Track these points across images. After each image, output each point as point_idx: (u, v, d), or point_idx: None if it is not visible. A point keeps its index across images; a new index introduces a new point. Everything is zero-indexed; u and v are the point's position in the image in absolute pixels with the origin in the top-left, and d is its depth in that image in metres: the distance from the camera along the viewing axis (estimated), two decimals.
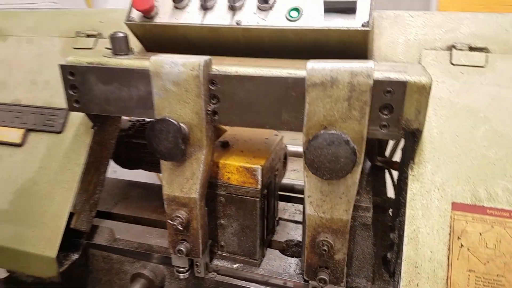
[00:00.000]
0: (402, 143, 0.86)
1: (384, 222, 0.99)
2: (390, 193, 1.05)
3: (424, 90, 0.63)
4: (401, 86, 0.59)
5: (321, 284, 0.68)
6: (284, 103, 0.64)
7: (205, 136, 0.68)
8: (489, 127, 0.72)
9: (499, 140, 0.71)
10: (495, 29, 0.80)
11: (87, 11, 1.04)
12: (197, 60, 0.64)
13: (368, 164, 0.92)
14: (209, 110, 0.67)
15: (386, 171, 1.08)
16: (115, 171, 1.30)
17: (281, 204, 1.09)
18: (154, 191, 1.16)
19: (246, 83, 0.65)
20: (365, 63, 0.59)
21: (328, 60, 0.61)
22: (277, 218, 0.98)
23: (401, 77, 0.62)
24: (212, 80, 0.66)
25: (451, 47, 0.79)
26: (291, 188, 1.16)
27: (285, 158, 1.01)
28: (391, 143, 1.09)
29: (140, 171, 1.14)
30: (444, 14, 0.83)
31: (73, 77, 0.72)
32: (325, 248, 0.65)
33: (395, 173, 1.02)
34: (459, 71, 0.77)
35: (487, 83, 0.76)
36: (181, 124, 0.66)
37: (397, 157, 0.99)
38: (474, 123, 0.73)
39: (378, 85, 0.59)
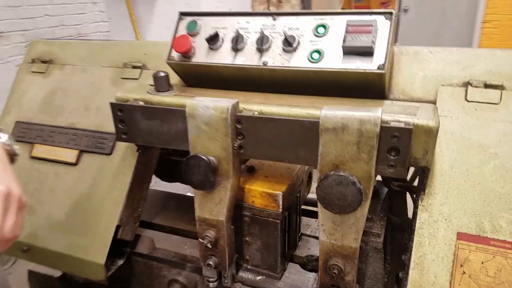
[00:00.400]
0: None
1: (402, 241, 1.05)
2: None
3: (431, 133, 0.70)
4: (407, 132, 0.66)
5: None
6: (301, 142, 0.72)
7: (231, 167, 0.77)
8: (498, 163, 0.77)
9: (506, 175, 0.76)
10: (510, 65, 0.83)
11: (133, 43, 1.16)
12: (226, 104, 0.73)
13: (385, 189, 0.98)
14: (235, 146, 0.76)
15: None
16: (156, 181, 1.43)
17: (305, 220, 1.16)
18: (189, 203, 1.27)
19: (268, 123, 0.73)
20: (373, 111, 0.66)
21: (341, 107, 0.68)
22: (299, 234, 1.06)
23: (410, 120, 0.68)
24: (239, 120, 0.75)
25: (467, 84, 0.83)
26: (315, 203, 1.23)
27: (310, 177, 1.09)
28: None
29: (178, 183, 1.25)
30: (462, 50, 0.87)
31: (122, 113, 0.84)
32: (335, 271, 0.73)
33: None
34: (473, 108, 0.82)
35: (500, 120, 0.80)
36: (211, 158, 0.76)
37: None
38: (484, 158, 0.78)
39: (386, 130, 0.66)
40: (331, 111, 0.67)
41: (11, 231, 0.63)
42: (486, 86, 0.82)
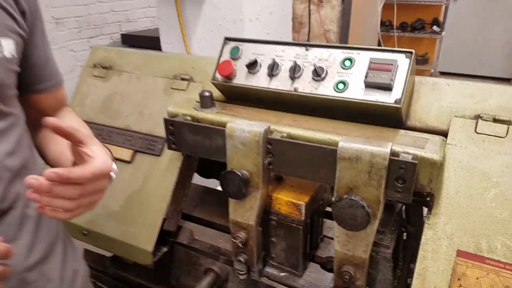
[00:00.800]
0: None
1: (416, 248, 1.16)
2: None
3: (435, 165, 0.80)
4: (412, 165, 0.76)
5: None
6: (321, 165, 0.84)
7: (261, 181, 0.91)
8: (499, 191, 0.86)
9: (505, 203, 0.85)
10: None
11: (182, 57, 1.31)
12: (259, 129, 0.86)
13: (399, 204, 1.08)
14: (265, 163, 0.90)
15: None
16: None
17: (328, 223, 1.29)
18: (224, 198, 1.42)
19: (294, 146, 0.86)
20: (384, 147, 0.77)
21: (356, 139, 0.80)
22: (321, 236, 1.19)
23: (417, 153, 0.79)
24: (269, 142, 0.88)
25: (478, 117, 0.92)
26: None
27: None
28: None
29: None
30: (477, 85, 0.95)
31: (172, 127, 0.99)
32: (347, 277, 0.86)
33: None
34: (481, 139, 0.90)
35: (504, 152, 0.88)
36: (244, 172, 0.90)
37: None
38: (486, 186, 0.87)
39: (394, 162, 0.77)
40: (347, 143, 0.79)
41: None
42: (495, 120, 0.90)
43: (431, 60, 6.29)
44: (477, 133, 0.91)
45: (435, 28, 6.00)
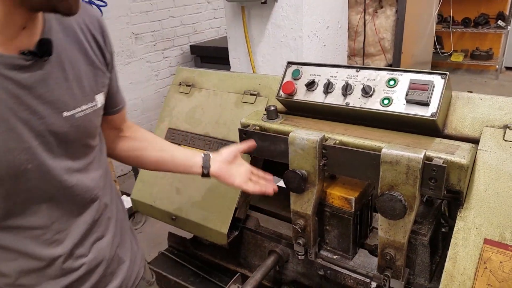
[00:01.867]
0: None
1: None
2: None
3: (463, 168, 0.97)
4: (442, 168, 0.94)
5: (386, 278, 1.09)
6: (368, 167, 1.04)
7: (317, 179, 1.13)
8: None
9: None
10: None
11: (250, 76, 1.55)
12: (316, 137, 1.08)
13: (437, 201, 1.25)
14: (321, 164, 1.11)
15: None
16: None
17: (377, 216, 1.47)
18: (284, 193, 1.65)
19: (345, 152, 1.07)
20: (418, 153, 0.95)
21: (397, 146, 0.99)
22: (370, 227, 1.38)
23: (448, 158, 0.97)
24: (324, 148, 1.10)
25: (506, 127, 1.07)
26: None
27: None
28: None
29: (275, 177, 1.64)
30: (506, 99, 1.10)
31: (245, 135, 1.24)
32: (388, 257, 1.05)
33: None
34: (508, 146, 1.05)
35: None
36: (303, 172, 1.12)
37: None
38: (511, 185, 1.02)
39: (428, 166, 0.96)
40: (389, 150, 0.98)
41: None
42: None
43: (496, 55, 6.12)
44: (505, 140, 1.06)
45: (500, 22, 5.83)
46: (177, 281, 1.55)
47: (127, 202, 2.85)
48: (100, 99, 0.92)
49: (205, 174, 1.17)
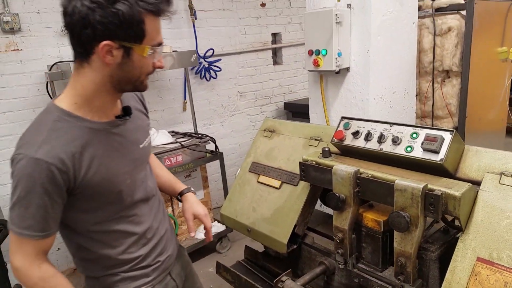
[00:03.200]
0: None
1: None
2: None
3: (456, 198, 1.31)
4: (437, 197, 1.30)
5: (399, 282, 1.42)
6: (388, 194, 1.42)
7: (352, 202, 1.53)
8: (509, 221, 1.29)
9: None
10: None
11: (317, 126, 2.04)
12: (352, 170, 1.50)
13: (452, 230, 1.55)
14: (355, 191, 1.52)
15: None
16: (320, 205, 2.25)
17: None
18: None
19: (373, 182, 1.47)
20: (420, 184, 1.32)
21: (408, 178, 1.37)
22: None
23: (444, 190, 1.32)
24: (358, 178, 1.51)
25: (501, 173, 1.38)
26: None
27: None
28: None
29: None
30: (504, 152, 1.41)
31: (303, 167, 1.70)
32: (399, 263, 1.40)
33: None
34: (502, 188, 1.35)
35: None
36: (341, 195, 1.53)
37: None
38: (502, 217, 1.30)
39: (428, 194, 1.32)
40: (400, 181, 1.37)
41: (210, 225, 1.53)
42: None
43: None
44: (500, 183, 1.36)
45: None
46: (247, 279, 1.98)
47: (217, 227, 3.42)
48: (150, 132, 1.44)
49: (178, 199, 1.61)
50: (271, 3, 4.51)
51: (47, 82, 3.01)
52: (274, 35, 4.67)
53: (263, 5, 4.45)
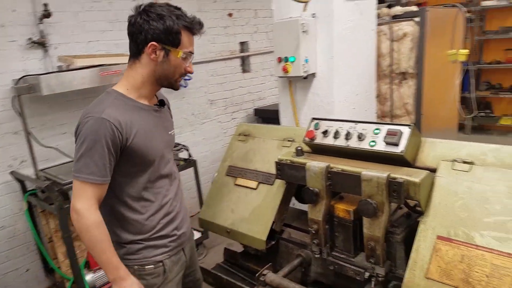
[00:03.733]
0: None
1: None
2: None
3: (416, 184, 1.47)
4: (399, 184, 1.45)
5: (370, 264, 1.57)
6: (357, 184, 1.57)
7: (325, 194, 1.67)
8: (462, 202, 1.45)
9: (467, 209, 1.44)
10: (479, 152, 1.52)
11: (289, 128, 2.18)
12: (323, 165, 1.64)
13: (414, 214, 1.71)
14: (327, 184, 1.66)
15: None
16: (294, 203, 2.38)
17: None
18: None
19: (343, 175, 1.61)
20: (384, 173, 1.48)
21: (373, 169, 1.52)
22: None
23: (405, 178, 1.47)
24: (329, 172, 1.65)
25: (454, 161, 1.55)
26: None
27: None
28: None
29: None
30: (456, 142, 1.59)
31: (279, 166, 1.83)
32: (369, 247, 1.54)
33: None
34: (455, 173, 1.52)
35: (468, 180, 1.47)
36: (315, 189, 1.67)
37: None
38: (456, 199, 1.47)
39: (391, 182, 1.47)
40: (366, 172, 1.52)
41: None
42: (464, 162, 1.52)
43: None
44: (453, 169, 1.54)
45: None
46: (228, 279, 2.08)
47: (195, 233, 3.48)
48: (173, 128, 1.77)
49: None
50: (238, 13, 4.67)
51: (13, 97, 2.95)
52: (242, 43, 4.82)
53: (230, 15, 4.59)
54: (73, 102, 3.38)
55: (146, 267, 1.60)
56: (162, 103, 1.68)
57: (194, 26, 1.50)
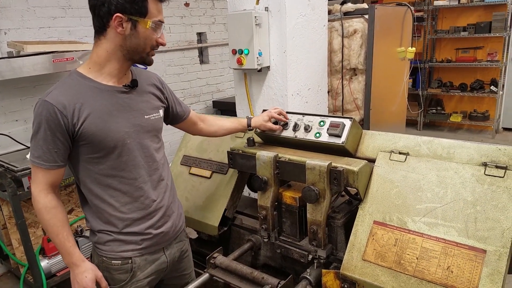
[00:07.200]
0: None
1: None
2: None
3: (355, 173, 1.59)
4: (339, 172, 1.57)
5: (313, 247, 1.69)
6: (302, 172, 1.68)
7: (273, 182, 1.76)
8: (397, 190, 1.60)
9: (401, 196, 1.58)
10: (414, 144, 1.66)
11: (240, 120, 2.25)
12: (272, 154, 1.74)
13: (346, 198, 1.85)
14: (275, 173, 1.76)
15: None
16: (249, 193, 2.47)
17: None
18: None
19: (290, 164, 1.71)
20: (325, 162, 1.59)
21: (317, 159, 1.63)
22: None
23: (345, 166, 1.59)
24: (277, 162, 1.75)
25: (391, 151, 1.69)
26: None
27: None
28: None
29: None
30: (393, 134, 1.73)
31: (231, 156, 1.91)
32: (312, 231, 1.66)
33: None
34: (392, 163, 1.66)
35: (403, 169, 1.62)
36: (264, 177, 1.76)
37: None
38: (391, 187, 1.62)
39: (332, 171, 1.59)
40: (310, 161, 1.63)
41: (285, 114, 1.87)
42: (400, 153, 1.66)
43: (492, 117, 6.68)
44: (390, 160, 1.67)
45: (492, 88, 6.45)
46: None
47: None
48: (160, 112, 1.63)
49: (250, 128, 1.94)
50: (194, 3, 4.68)
51: None
52: (199, 34, 4.84)
53: (187, 4, 4.60)
54: (25, 89, 3.30)
55: (113, 261, 1.53)
56: (134, 83, 1.52)
57: None
